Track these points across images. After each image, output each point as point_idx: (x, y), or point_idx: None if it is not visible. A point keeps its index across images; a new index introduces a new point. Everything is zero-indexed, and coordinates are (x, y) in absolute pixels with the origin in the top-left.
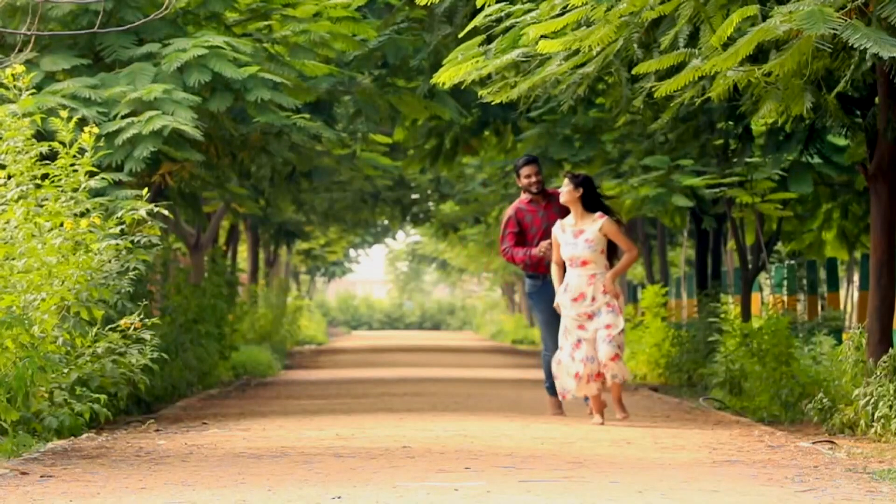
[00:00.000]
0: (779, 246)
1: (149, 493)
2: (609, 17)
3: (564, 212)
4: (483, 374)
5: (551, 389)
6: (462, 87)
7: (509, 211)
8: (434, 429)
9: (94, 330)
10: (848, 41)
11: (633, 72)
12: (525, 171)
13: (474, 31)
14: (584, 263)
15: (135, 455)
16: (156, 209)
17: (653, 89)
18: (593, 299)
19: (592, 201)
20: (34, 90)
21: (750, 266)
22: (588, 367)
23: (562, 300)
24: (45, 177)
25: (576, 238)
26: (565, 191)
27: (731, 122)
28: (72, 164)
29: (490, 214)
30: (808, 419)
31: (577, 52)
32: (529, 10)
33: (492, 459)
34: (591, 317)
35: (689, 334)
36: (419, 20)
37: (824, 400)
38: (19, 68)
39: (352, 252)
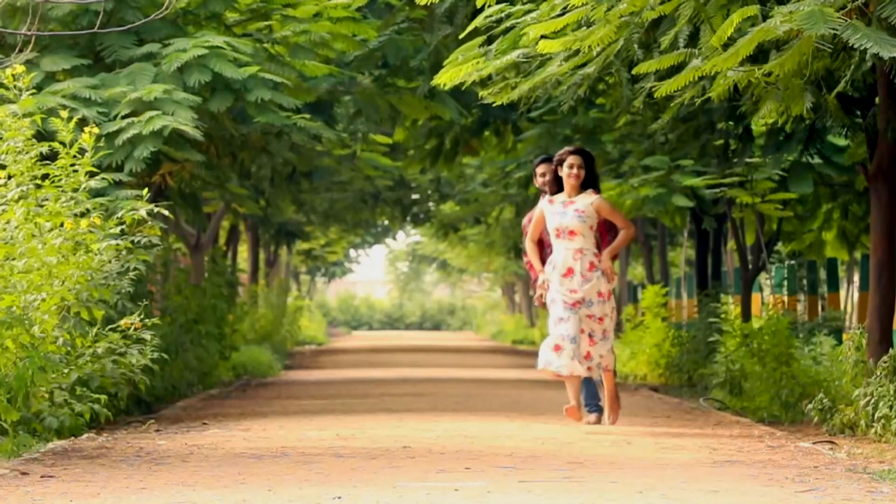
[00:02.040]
0: (779, 246)
1: (149, 493)
2: (609, 18)
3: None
4: (483, 375)
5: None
6: (462, 88)
7: (528, 215)
8: (434, 429)
9: (95, 330)
10: (848, 41)
11: (634, 72)
12: (541, 169)
13: (475, 32)
14: (572, 234)
15: (135, 455)
16: (156, 209)
17: (653, 89)
18: (582, 276)
19: (589, 181)
20: (34, 90)
21: (750, 266)
22: (569, 346)
23: (550, 277)
24: (45, 177)
25: (565, 208)
26: (574, 172)
27: (731, 123)
28: (72, 165)
29: (490, 215)
30: (809, 419)
31: (577, 52)
32: (530, 11)
33: (492, 459)
34: (579, 303)
35: (689, 334)
36: (419, 20)
37: (824, 400)
38: (19, 68)
39: (352, 252)
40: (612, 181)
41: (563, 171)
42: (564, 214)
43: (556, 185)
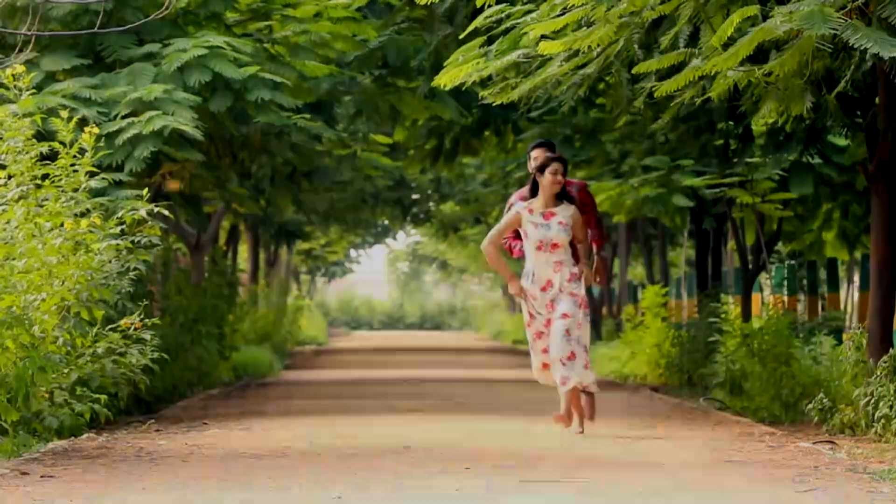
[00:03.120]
0: (779, 246)
1: (149, 493)
2: (609, 17)
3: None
4: (484, 375)
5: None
6: (463, 88)
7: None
8: (434, 429)
9: (95, 330)
10: (848, 41)
11: (634, 72)
12: (535, 153)
13: (475, 32)
14: (555, 247)
15: (135, 455)
16: (156, 209)
17: (653, 89)
18: (560, 290)
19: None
20: (34, 90)
21: (750, 266)
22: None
23: (530, 290)
24: (45, 177)
25: (547, 220)
26: (559, 179)
27: (731, 123)
28: (72, 165)
29: (490, 214)
30: (809, 419)
31: (577, 52)
32: (530, 11)
33: (492, 459)
34: (553, 307)
35: (689, 334)
36: (420, 20)
37: (825, 400)
38: (20, 68)
39: (352, 252)
40: (612, 181)
41: (545, 178)
42: (549, 227)
43: (531, 191)
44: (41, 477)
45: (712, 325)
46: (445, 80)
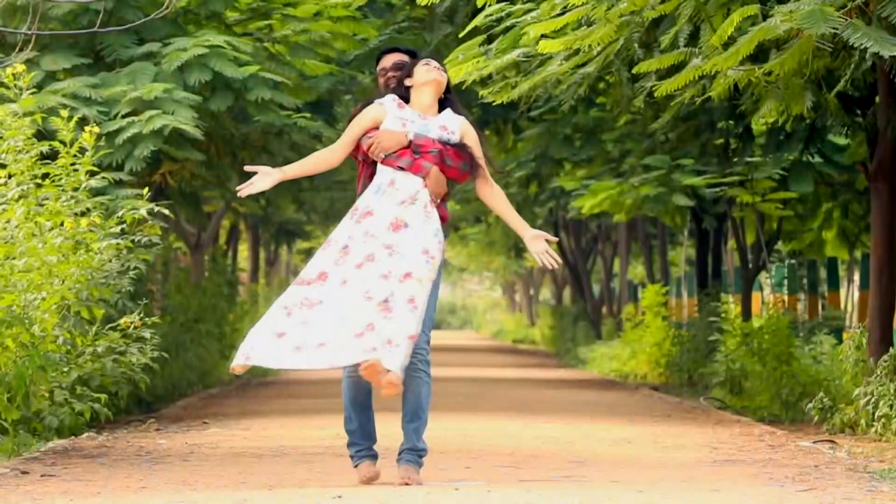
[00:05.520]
0: (779, 245)
1: (149, 492)
2: (609, 17)
3: None
4: (483, 374)
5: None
6: (463, 87)
7: None
8: (434, 428)
9: (95, 329)
10: (848, 40)
11: (634, 71)
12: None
13: (475, 31)
14: None
15: (135, 454)
16: (156, 208)
17: (653, 89)
18: None
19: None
20: (35, 89)
21: (750, 265)
22: None
23: None
24: (45, 176)
25: None
26: None
27: (731, 122)
28: (72, 164)
29: (491, 214)
30: (809, 419)
31: (577, 51)
32: (530, 10)
33: (492, 459)
34: None
35: (689, 334)
36: (420, 20)
37: (825, 399)
38: (20, 67)
39: None
40: (613, 180)
41: None
42: None
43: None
44: (41, 476)
45: (712, 324)
46: None
